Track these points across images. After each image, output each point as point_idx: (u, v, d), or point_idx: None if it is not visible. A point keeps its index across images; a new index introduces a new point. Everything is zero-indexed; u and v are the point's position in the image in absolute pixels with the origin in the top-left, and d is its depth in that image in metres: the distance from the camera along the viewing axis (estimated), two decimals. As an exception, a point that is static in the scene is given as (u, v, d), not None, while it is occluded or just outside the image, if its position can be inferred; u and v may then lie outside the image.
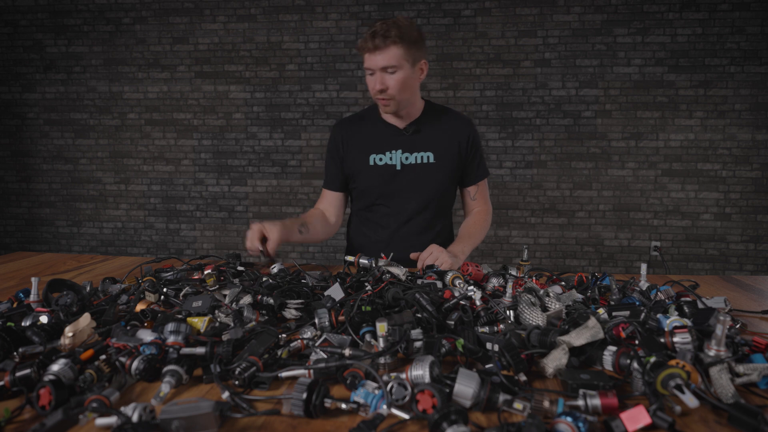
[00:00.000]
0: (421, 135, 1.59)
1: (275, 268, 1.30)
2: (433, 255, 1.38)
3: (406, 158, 1.58)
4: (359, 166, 1.61)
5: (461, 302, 0.95)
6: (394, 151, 1.58)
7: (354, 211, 1.74)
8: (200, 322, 0.89)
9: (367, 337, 0.82)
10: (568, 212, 3.85)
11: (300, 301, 1.02)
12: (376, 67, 1.41)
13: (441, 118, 1.62)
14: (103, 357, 0.74)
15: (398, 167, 1.58)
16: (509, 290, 0.97)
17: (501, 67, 3.78)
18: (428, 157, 1.58)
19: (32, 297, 1.01)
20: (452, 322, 0.89)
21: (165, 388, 0.67)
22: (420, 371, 0.66)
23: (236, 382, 0.70)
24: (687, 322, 0.83)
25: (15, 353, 0.78)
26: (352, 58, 3.88)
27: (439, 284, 1.10)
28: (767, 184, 3.68)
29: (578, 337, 0.76)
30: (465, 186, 1.68)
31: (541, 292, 0.99)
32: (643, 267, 1.20)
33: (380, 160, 1.59)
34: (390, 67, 1.41)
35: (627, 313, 0.90)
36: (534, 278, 1.14)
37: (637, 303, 1.00)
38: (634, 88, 3.69)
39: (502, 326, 0.88)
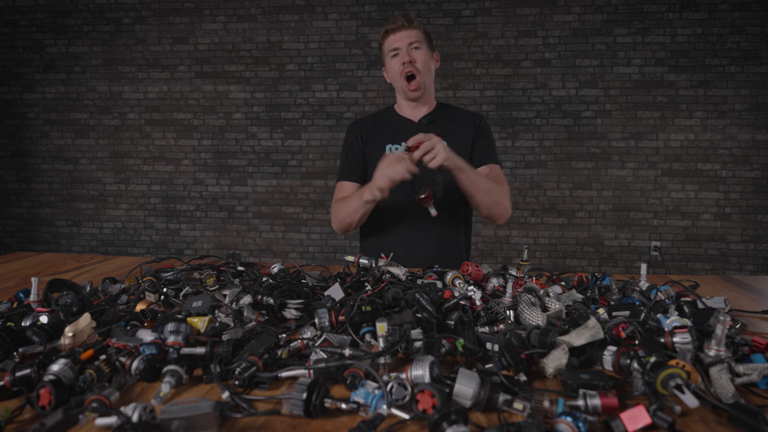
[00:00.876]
0: (435, 126, 1.64)
1: (275, 268, 1.29)
2: (430, 143, 1.33)
3: None
4: (376, 157, 1.64)
5: (461, 302, 0.95)
6: None
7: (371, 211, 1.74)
8: (200, 322, 0.89)
9: (367, 337, 0.82)
10: (568, 212, 3.85)
11: (300, 301, 1.01)
12: (403, 44, 1.55)
13: (453, 113, 1.71)
14: (103, 357, 0.74)
15: None
16: (509, 290, 0.97)
17: (501, 67, 3.78)
18: None
19: (32, 297, 1.01)
20: (452, 322, 0.89)
21: (165, 388, 0.67)
22: (420, 371, 0.66)
23: (236, 382, 0.70)
24: (687, 322, 0.83)
25: (15, 353, 0.78)
26: (352, 58, 3.88)
27: (439, 284, 1.10)
28: (767, 184, 3.68)
29: (578, 337, 0.76)
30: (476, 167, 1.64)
31: (541, 292, 0.98)
32: (643, 267, 1.20)
33: (396, 149, 1.63)
34: (415, 42, 1.56)
35: (627, 313, 0.90)
36: (534, 278, 1.14)
37: (637, 303, 0.99)
38: (634, 88, 3.70)
39: (502, 326, 0.88)
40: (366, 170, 1.70)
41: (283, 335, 0.85)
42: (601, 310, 0.91)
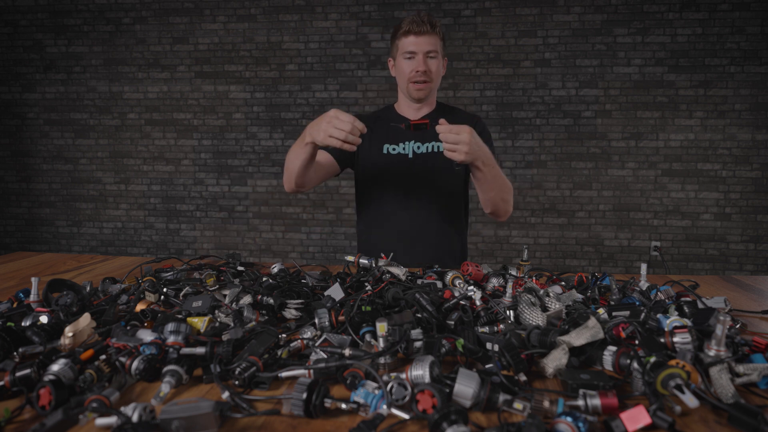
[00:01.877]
0: (433, 128, 1.61)
1: (275, 268, 1.29)
2: (456, 137, 1.27)
3: (418, 148, 1.63)
4: (373, 157, 1.65)
5: (461, 302, 0.95)
6: (407, 142, 1.64)
7: (367, 211, 1.73)
8: (200, 322, 0.89)
9: (367, 337, 0.82)
10: (568, 212, 3.85)
11: (300, 301, 1.01)
12: (420, 50, 1.51)
13: (452, 115, 1.69)
14: (103, 357, 0.74)
15: (410, 156, 1.62)
16: (509, 290, 0.97)
17: (501, 67, 3.78)
18: (438, 146, 1.62)
19: (32, 297, 1.00)
20: (452, 322, 0.89)
21: (165, 388, 0.67)
22: (420, 371, 0.66)
23: (236, 382, 0.70)
24: (687, 322, 0.83)
25: (15, 353, 0.78)
26: (352, 58, 3.88)
27: (439, 284, 1.10)
28: (767, 184, 3.68)
29: (578, 337, 0.76)
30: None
31: (541, 292, 0.98)
32: (643, 267, 1.20)
33: (393, 150, 1.64)
34: (433, 51, 1.52)
35: (627, 313, 0.90)
36: (534, 278, 1.14)
37: (637, 303, 0.99)
38: (634, 88, 3.70)
39: (502, 326, 0.88)
40: (345, 156, 1.65)
41: (283, 335, 0.85)
42: (601, 310, 0.91)
